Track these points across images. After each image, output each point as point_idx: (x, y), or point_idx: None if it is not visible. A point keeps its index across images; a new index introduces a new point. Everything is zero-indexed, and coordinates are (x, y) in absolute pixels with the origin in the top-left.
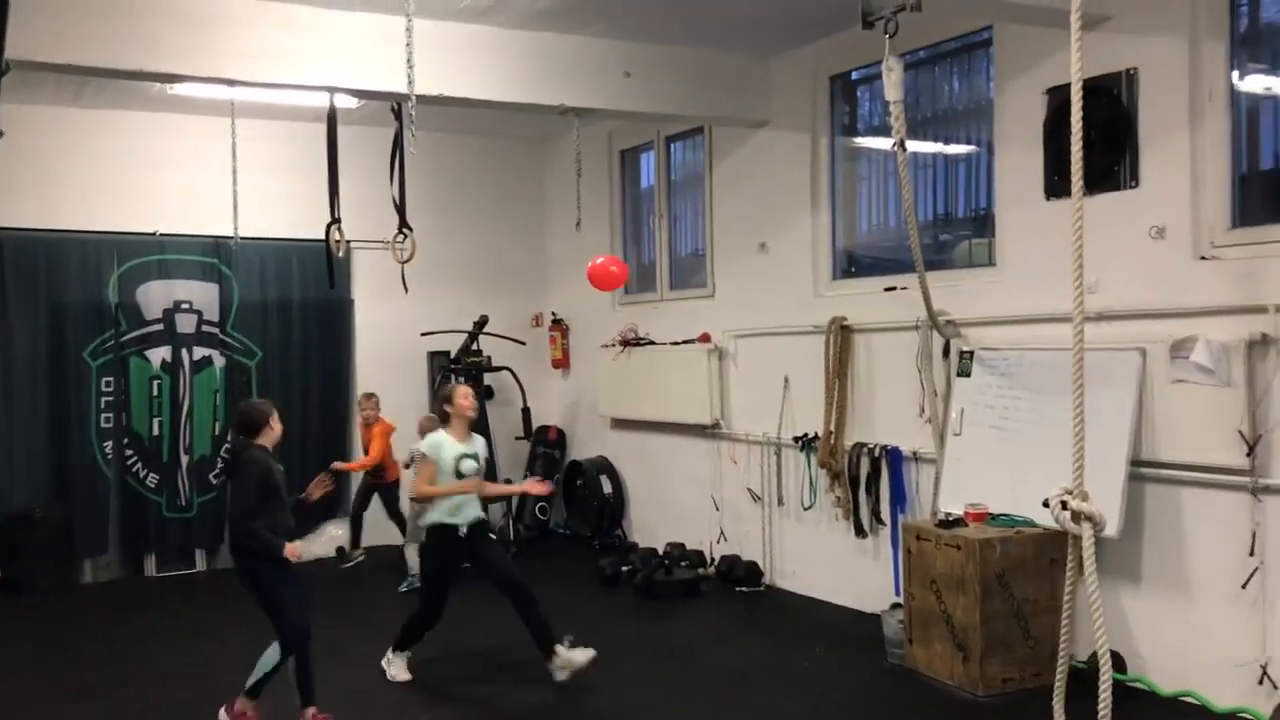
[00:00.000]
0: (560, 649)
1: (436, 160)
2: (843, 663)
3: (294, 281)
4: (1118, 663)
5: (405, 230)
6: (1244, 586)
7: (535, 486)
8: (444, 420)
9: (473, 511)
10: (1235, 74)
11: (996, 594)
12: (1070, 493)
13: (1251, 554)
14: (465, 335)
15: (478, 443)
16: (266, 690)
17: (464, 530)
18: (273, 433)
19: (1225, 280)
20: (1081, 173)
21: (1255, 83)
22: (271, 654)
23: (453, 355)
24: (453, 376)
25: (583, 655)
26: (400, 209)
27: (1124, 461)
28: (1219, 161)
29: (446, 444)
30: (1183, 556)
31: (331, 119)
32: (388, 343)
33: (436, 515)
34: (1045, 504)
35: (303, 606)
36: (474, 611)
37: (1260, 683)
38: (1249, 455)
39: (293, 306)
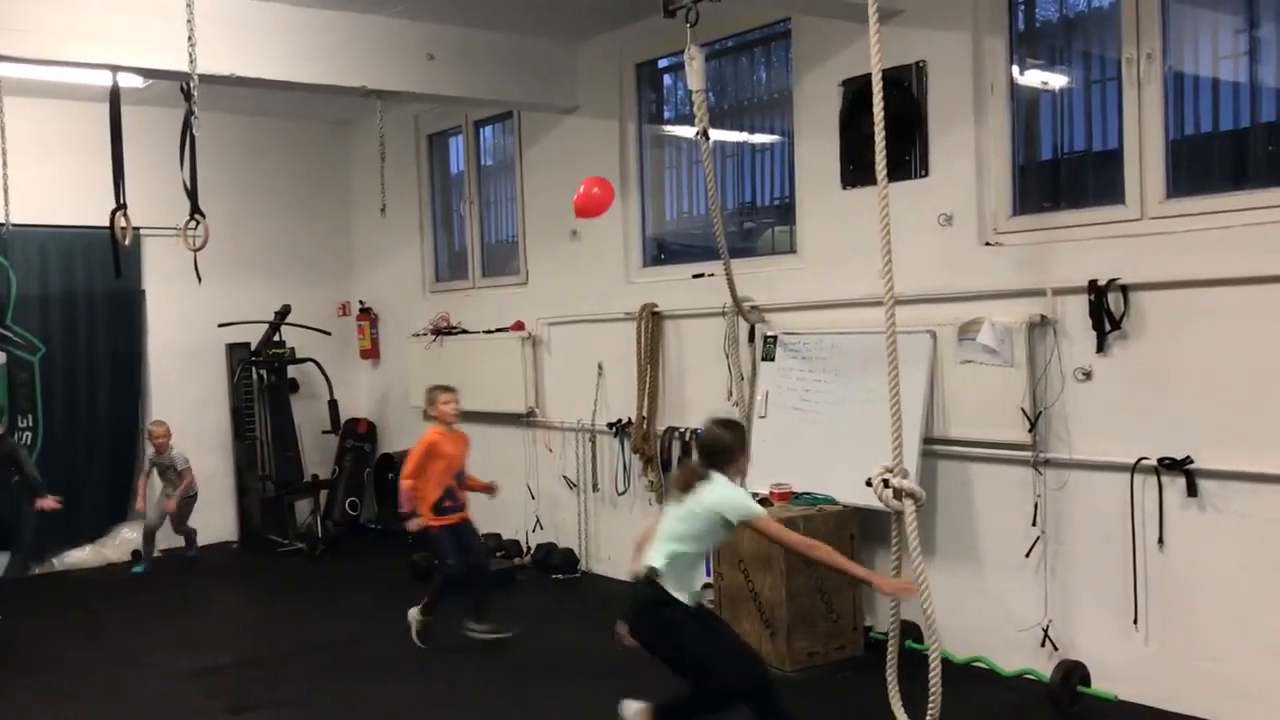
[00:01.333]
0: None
1: (232, 143)
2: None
3: (78, 271)
4: (915, 632)
5: (197, 217)
6: (1027, 555)
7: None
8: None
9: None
10: (1015, 69)
11: (800, 572)
12: (891, 471)
13: (1034, 524)
14: (267, 326)
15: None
16: None
17: None
18: None
19: (1008, 265)
20: (885, 161)
21: (1033, 77)
22: None
23: (254, 347)
24: (253, 370)
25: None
26: (191, 194)
27: (917, 439)
28: (1001, 152)
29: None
30: (973, 529)
31: (115, 99)
32: (183, 335)
33: None
34: (868, 483)
35: None
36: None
37: (1042, 645)
38: (1031, 431)
39: (77, 298)
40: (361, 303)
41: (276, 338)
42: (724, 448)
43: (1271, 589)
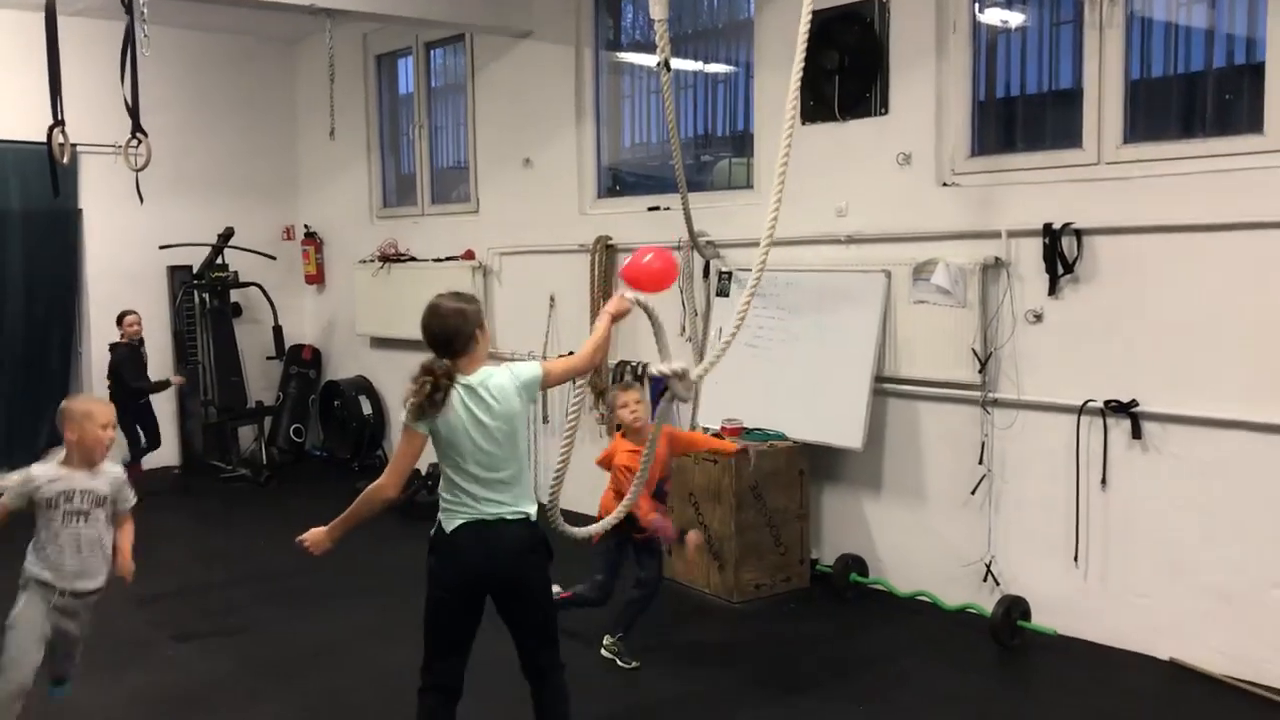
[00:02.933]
0: None
1: (176, 59)
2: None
3: (12, 190)
4: (859, 566)
5: (139, 135)
6: (973, 493)
7: None
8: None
9: None
10: (977, 6)
11: (750, 505)
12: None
13: (980, 462)
14: (209, 249)
15: None
16: None
17: None
18: None
19: (964, 206)
20: (798, 102)
21: (994, 15)
22: None
23: (196, 270)
24: (195, 293)
25: None
26: (133, 111)
27: (869, 377)
28: (961, 92)
29: None
30: (920, 466)
31: (50, 9)
32: (123, 257)
33: None
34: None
35: None
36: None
37: (985, 580)
38: (981, 372)
39: (11, 217)
40: (307, 227)
41: (219, 261)
42: (466, 326)
43: (1206, 528)
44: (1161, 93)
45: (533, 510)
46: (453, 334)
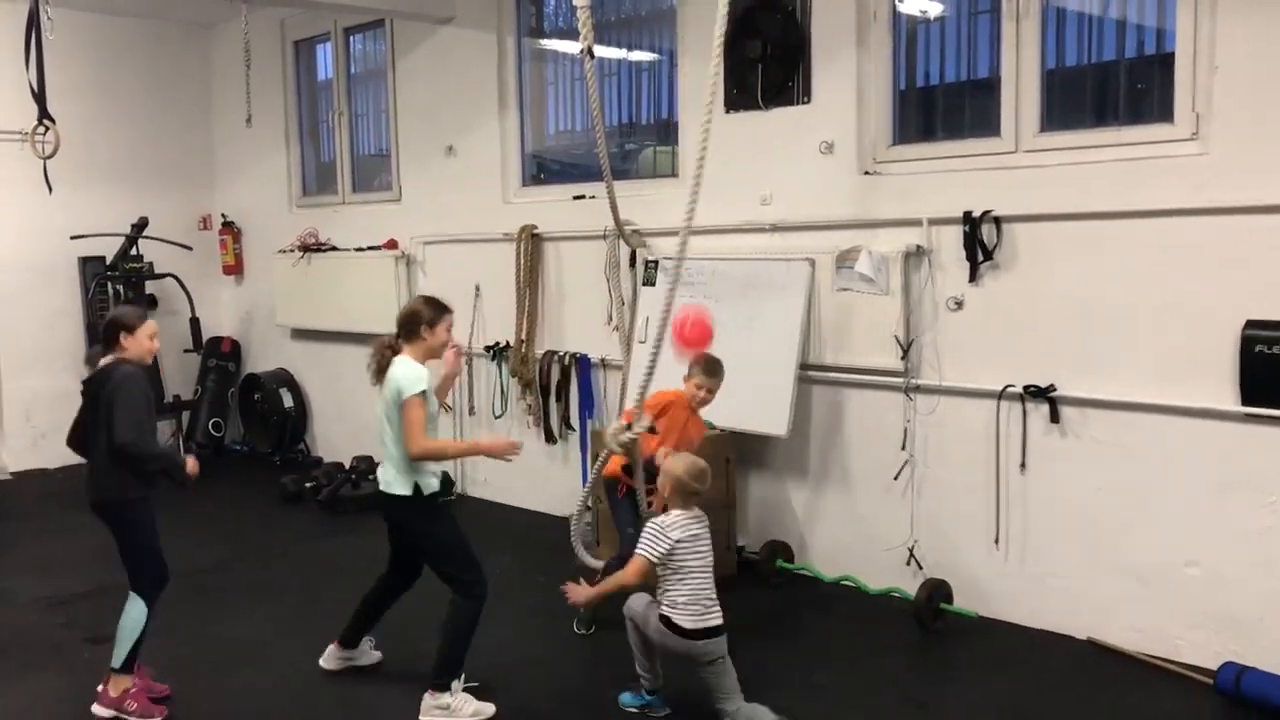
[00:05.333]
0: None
1: (85, 43)
2: (534, 566)
3: None
4: (785, 553)
5: (47, 122)
6: (896, 478)
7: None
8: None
9: None
10: None
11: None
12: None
13: (903, 448)
14: (123, 239)
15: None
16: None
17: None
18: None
19: (886, 194)
20: (719, 91)
21: (914, 5)
22: (136, 614)
23: (109, 261)
24: (108, 285)
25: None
26: (39, 97)
27: (794, 365)
28: (882, 81)
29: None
30: (845, 452)
31: None
32: (32, 247)
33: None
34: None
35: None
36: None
37: (908, 564)
38: (903, 358)
39: None
40: (224, 216)
41: (134, 251)
42: (415, 319)
43: (1121, 510)
44: (1076, 82)
45: None
46: (404, 320)
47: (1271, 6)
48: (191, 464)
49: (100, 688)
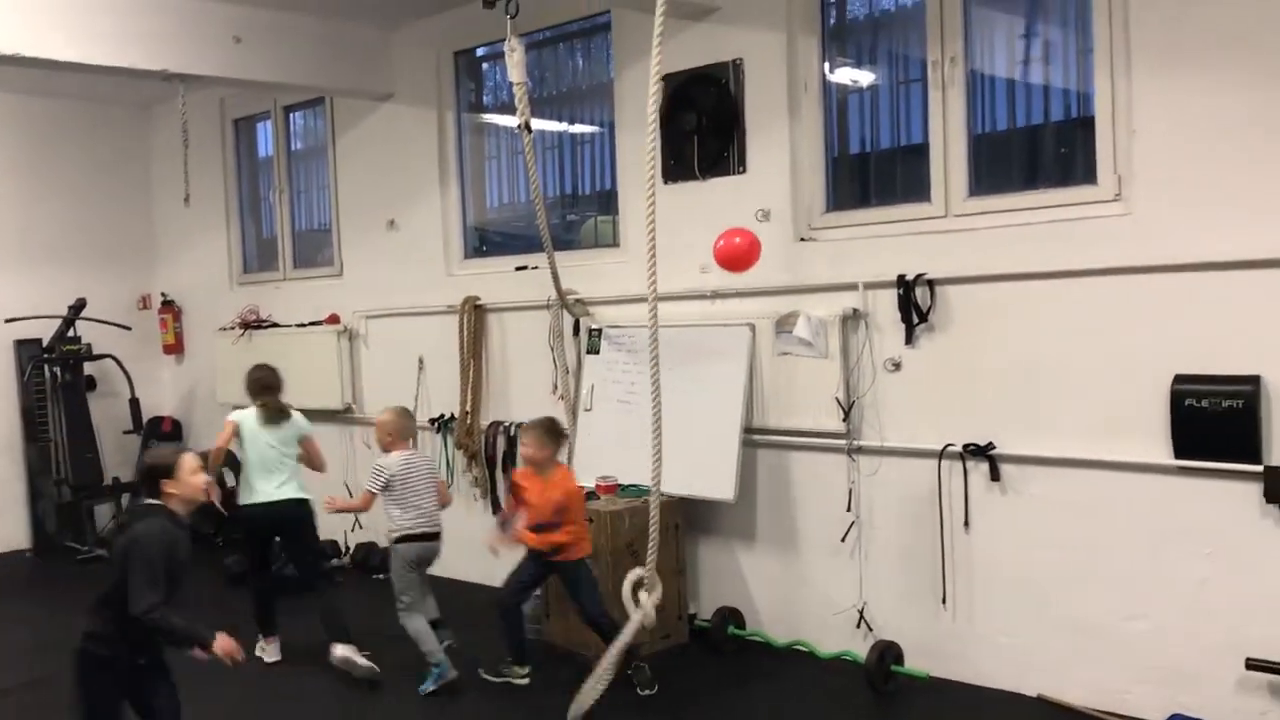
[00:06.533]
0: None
1: (21, 125)
2: (482, 643)
3: None
4: (737, 619)
5: None
6: (843, 540)
7: None
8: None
9: None
10: (827, 66)
11: (627, 563)
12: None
13: (849, 509)
14: (60, 321)
15: None
16: None
17: None
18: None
19: (822, 259)
20: (657, 163)
21: (844, 75)
22: None
23: (46, 343)
24: (45, 367)
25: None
26: None
27: (738, 429)
28: (815, 149)
29: None
30: (792, 515)
31: None
32: None
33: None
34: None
35: None
36: None
37: (858, 626)
38: (845, 420)
39: None
40: (164, 295)
41: (71, 333)
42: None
43: (1062, 566)
44: (1003, 146)
45: None
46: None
47: (1183, 70)
48: (225, 642)
49: None
